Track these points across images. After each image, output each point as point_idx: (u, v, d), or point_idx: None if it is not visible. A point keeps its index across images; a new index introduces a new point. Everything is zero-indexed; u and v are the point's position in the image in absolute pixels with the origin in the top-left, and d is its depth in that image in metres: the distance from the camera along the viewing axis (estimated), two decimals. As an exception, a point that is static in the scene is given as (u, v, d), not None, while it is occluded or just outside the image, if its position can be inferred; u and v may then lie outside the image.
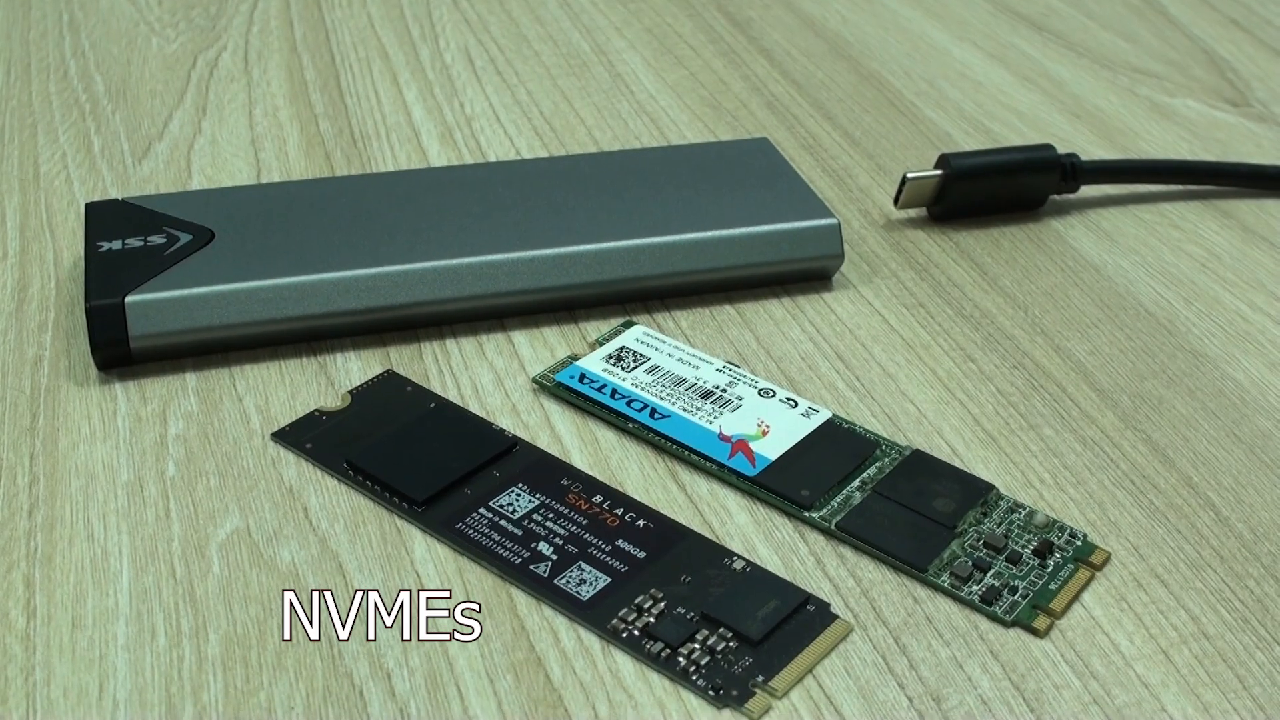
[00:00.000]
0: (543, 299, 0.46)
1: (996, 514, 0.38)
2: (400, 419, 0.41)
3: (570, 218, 0.48)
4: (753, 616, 0.35)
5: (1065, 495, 0.40)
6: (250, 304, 0.44)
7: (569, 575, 0.36)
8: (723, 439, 0.41)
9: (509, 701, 0.33)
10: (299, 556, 0.37)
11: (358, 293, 0.45)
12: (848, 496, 0.39)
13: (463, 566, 0.37)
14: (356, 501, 0.39)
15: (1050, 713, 0.33)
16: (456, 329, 0.46)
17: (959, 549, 0.37)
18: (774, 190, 0.50)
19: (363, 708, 0.33)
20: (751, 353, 0.45)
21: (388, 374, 0.44)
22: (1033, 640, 0.35)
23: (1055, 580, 0.36)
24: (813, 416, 0.42)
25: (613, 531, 0.38)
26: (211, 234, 0.46)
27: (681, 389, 0.42)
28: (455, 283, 0.45)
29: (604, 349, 0.44)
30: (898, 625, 0.35)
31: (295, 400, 0.43)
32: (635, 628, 0.35)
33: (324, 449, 0.40)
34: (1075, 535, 0.38)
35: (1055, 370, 0.45)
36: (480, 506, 0.38)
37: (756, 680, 0.33)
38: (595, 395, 0.42)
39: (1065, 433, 0.42)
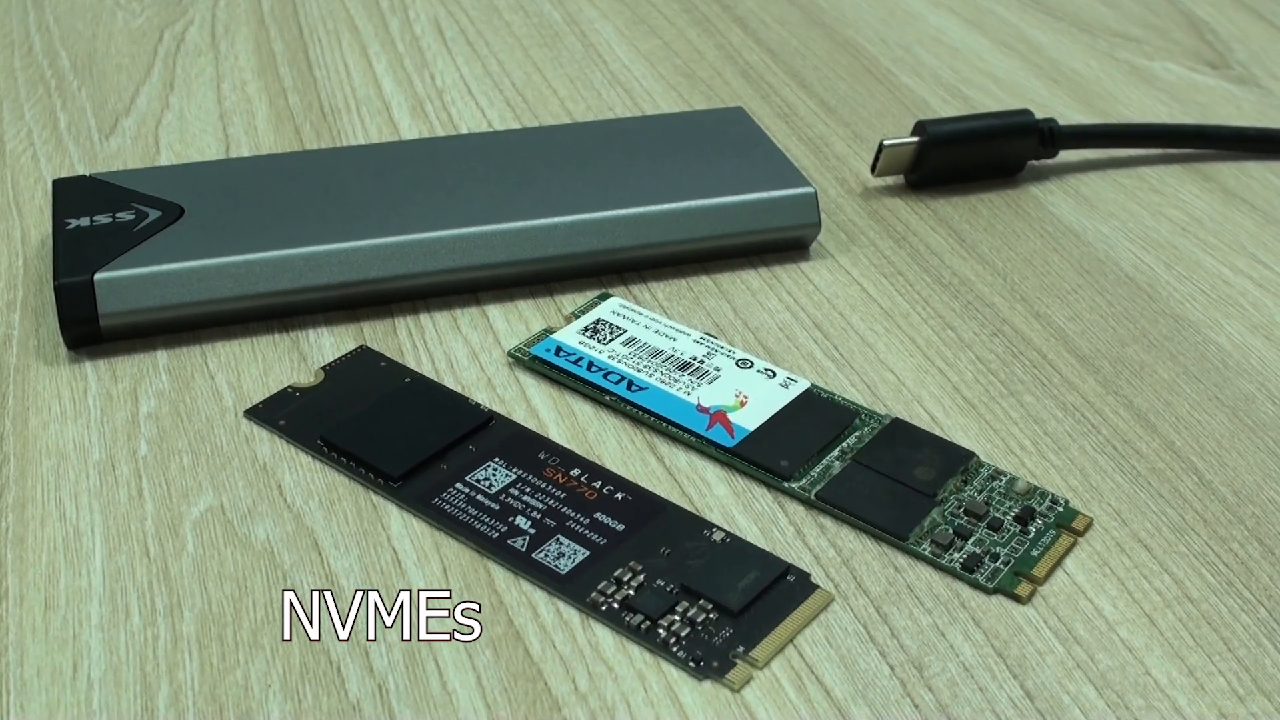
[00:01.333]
0: (517, 272, 0.46)
1: (977, 481, 0.39)
2: (374, 394, 0.41)
3: (544, 189, 0.48)
4: (733, 588, 0.35)
5: (1046, 462, 0.40)
6: (221, 280, 0.44)
7: (547, 549, 0.36)
8: (700, 410, 0.41)
9: (488, 676, 0.33)
10: (274, 534, 0.37)
11: (330, 267, 0.45)
12: (827, 466, 0.39)
13: (440, 542, 0.37)
14: (331, 478, 0.39)
15: (1034, 678, 0.33)
16: (430, 303, 0.46)
17: (940, 517, 0.37)
18: (750, 159, 0.50)
19: (340, 684, 0.33)
20: (729, 323, 0.46)
21: (361, 349, 0.44)
22: (1015, 607, 0.35)
23: (1037, 547, 0.37)
24: (791, 386, 0.42)
25: (591, 504, 0.38)
26: (181, 210, 0.46)
27: (659, 361, 0.42)
28: (428, 256, 0.45)
29: (580, 321, 0.44)
30: (879, 594, 0.36)
31: (268, 377, 0.43)
32: (614, 600, 0.35)
33: (297, 426, 0.40)
34: (1057, 501, 0.38)
35: (1035, 337, 0.45)
36: (457, 481, 0.38)
37: (737, 651, 0.34)
38: (571, 368, 0.42)
39: (1046, 399, 0.42)
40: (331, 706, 0.32)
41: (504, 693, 0.33)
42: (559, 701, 0.33)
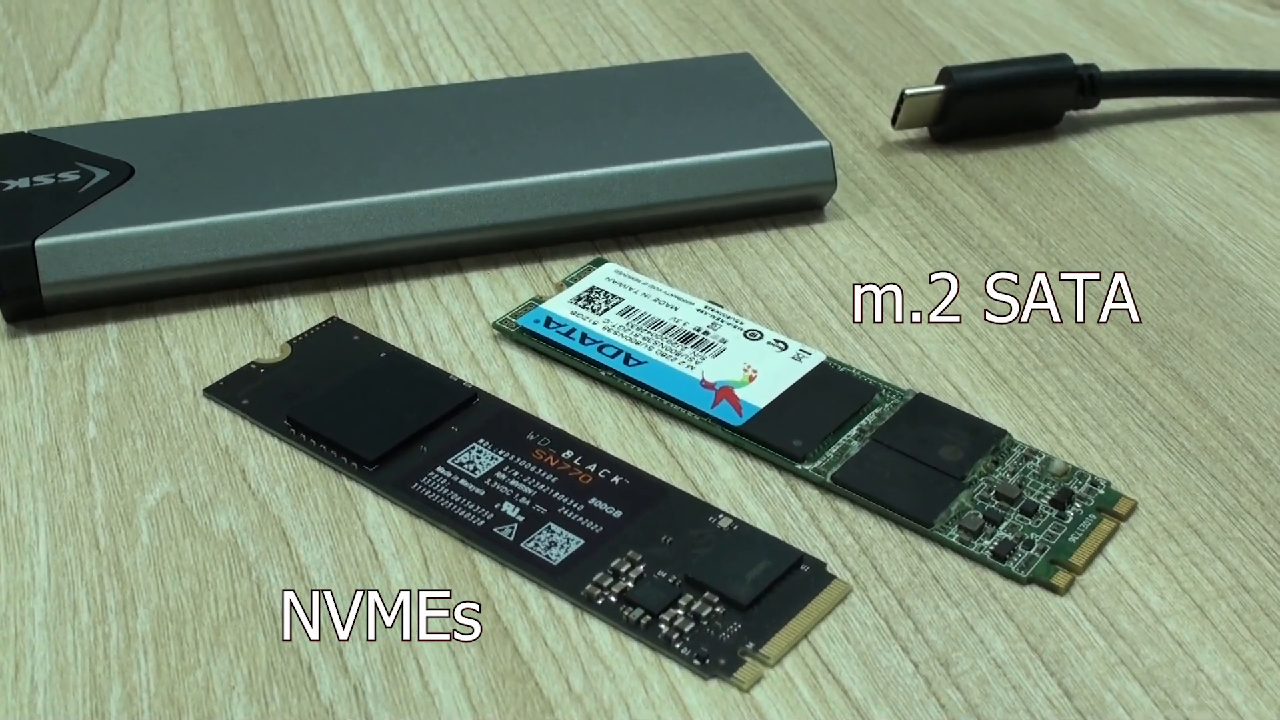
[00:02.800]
0: (503, 236, 0.47)
1: (1009, 462, 0.39)
2: (347, 370, 0.42)
3: (532, 145, 0.48)
4: (741, 579, 0.35)
5: (1085, 440, 0.40)
6: (176, 246, 0.44)
7: (537, 538, 0.37)
8: (705, 386, 0.41)
9: (474, 675, 0.33)
10: (237, 523, 0.37)
11: (296, 232, 0.45)
12: (844, 446, 0.39)
13: (420, 531, 0.37)
14: (300, 462, 0.39)
15: (1072, 676, 0.34)
16: (407, 271, 0.46)
17: (968, 501, 0.38)
18: (758, 111, 0.50)
19: (312, 685, 0.33)
20: (736, 291, 0.46)
21: (332, 321, 0.44)
22: (1051, 598, 0.36)
23: (1075, 532, 0.37)
24: (804, 359, 0.42)
25: (585, 489, 0.38)
26: (130, 169, 0.46)
27: (659, 332, 0.43)
28: (405, 219, 0.46)
29: (572, 290, 0.45)
30: (901, 585, 0.36)
31: (229, 352, 0.43)
32: (612, 593, 0.35)
33: (262, 405, 0.41)
34: (1097, 483, 0.38)
35: (1072, 304, 0.45)
36: (438, 465, 0.39)
37: (746, 648, 0.34)
38: (563, 341, 0.43)
39: (1085, 372, 0.43)
40: (302, 710, 0.33)
41: (491, 694, 0.33)
42: (551, 703, 0.33)
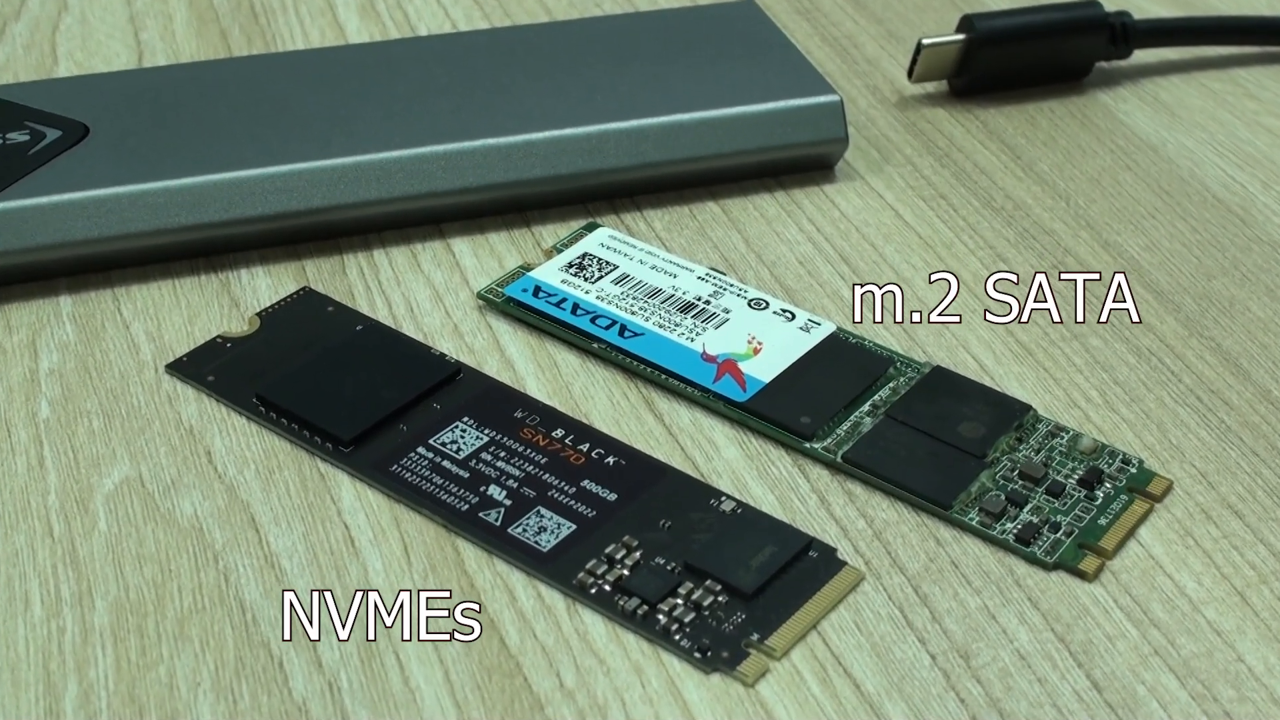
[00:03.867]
0: (488, 198, 0.47)
1: (1034, 439, 0.39)
2: (320, 344, 0.42)
3: (519, 101, 0.48)
4: (745, 566, 0.35)
5: (1116, 415, 0.40)
6: (135, 211, 0.44)
7: (526, 523, 0.37)
8: (707, 359, 0.41)
9: (458, 671, 0.34)
10: (202, 509, 0.37)
11: (265, 195, 0.45)
12: (856, 423, 0.39)
13: (399, 516, 0.37)
14: (270, 443, 0.39)
15: (1102, 667, 0.34)
16: (385, 237, 0.46)
17: (990, 481, 0.38)
18: (763, 63, 0.50)
19: (284, 682, 0.33)
20: (740, 257, 0.46)
21: (304, 292, 0.44)
22: (1079, 585, 0.36)
23: (1105, 514, 0.37)
24: (813, 330, 0.42)
25: (577, 471, 0.38)
26: (85, 129, 0.46)
27: (656, 301, 0.43)
28: (382, 181, 0.46)
29: (562, 256, 0.45)
30: (917, 572, 0.36)
31: (193, 325, 0.43)
32: (606, 582, 0.35)
33: (229, 382, 0.41)
34: (1129, 461, 0.38)
35: (1104, 270, 0.45)
36: (419, 445, 0.39)
37: (751, 639, 0.34)
38: (553, 311, 0.43)
39: (1116, 342, 0.43)
40: (273, 708, 0.33)
41: (476, 690, 0.33)
42: (541, 699, 0.33)
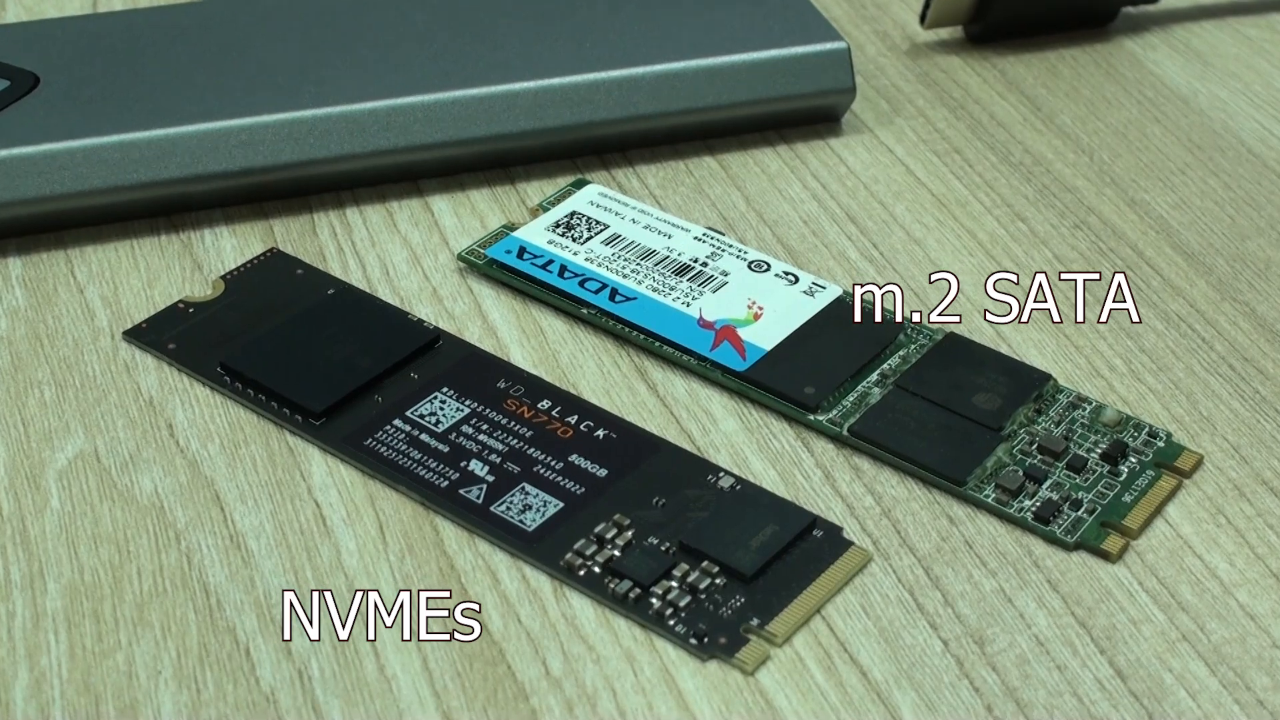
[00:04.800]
0: (469, 153, 0.47)
1: (1054, 410, 0.39)
2: (289, 310, 0.42)
3: (503, 48, 0.48)
4: (744, 546, 0.35)
5: (1143, 385, 0.40)
6: (89, 167, 0.44)
7: (510, 501, 0.37)
8: (704, 325, 0.41)
9: (436, 658, 0.34)
10: (163, 485, 0.37)
11: (230, 150, 0.45)
12: (864, 394, 0.39)
13: (374, 493, 0.37)
14: (236, 414, 0.39)
15: (1126, 654, 0.34)
16: (359, 194, 0.46)
17: (1006, 456, 0.38)
18: (764, 7, 0.50)
19: (250, 670, 0.33)
20: (739, 216, 0.46)
21: (272, 253, 0.44)
22: (1102, 566, 0.36)
23: (1130, 491, 0.37)
24: (818, 294, 0.42)
25: (564, 445, 0.38)
26: (35, 79, 0.46)
27: (650, 263, 0.43)
28: (355, 135, 0.45)
29: (549, 215, 0.45)
30: (929, 552, 0.36)
31: (152, 289, 0.43)
32: (595, 563, 0.35)
33: (192, 349, 0.41)
34: (1156, 434, 0.38)
35: (1130, 230, 0.45)
36: (395, 418, 0.39)
37: (750, 624, 0.34)
38: (539, 274, 0.43)
39: (1143, 307, 0.43)
40: (239, 698, 0.33)
41: (456, 679, 0.33)
42: (525, 688, 0.33)
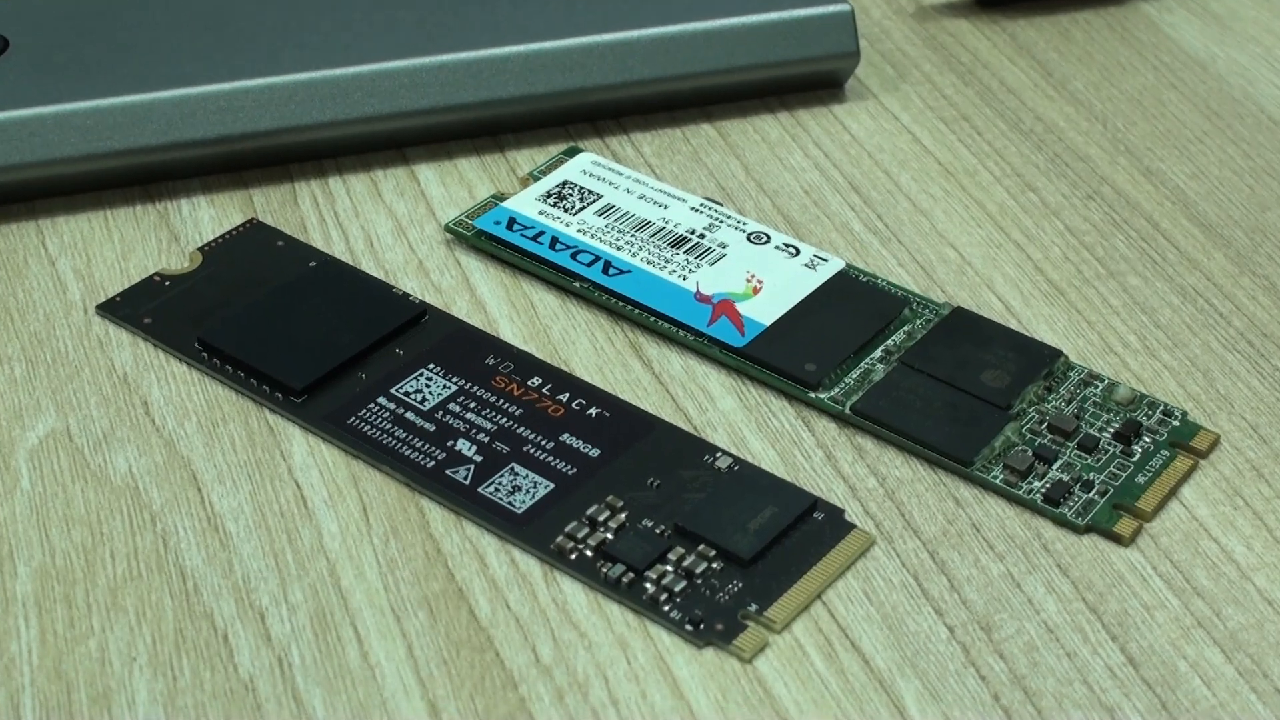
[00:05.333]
0: (456, 120, 0.47)
1: (1065, 388, 0.39)
2: (269, 283, 0.42)
3: (491, 10, 0.48)
4: (742, 529, 0.36)
5: (1158, 362, 0.40)
6: (61, 134, 0.44)
7: (498, 482, 0.37)
8: (701, 300, 0.41)
9: (422, 644, 0.34)
10: (138, 465, 0.37)
11: (208, 116, 0.45)
12: (867, 371, 0.39)
13: (357, 474, 0.37)
14: (213, 392, 0.39)
15: (1139, 641, 0.34)
16: (342, 163, 0.46)
17: (1015, 435, 0.38)
18: (766, -32, 0.50)
19: (229, 656, 0.33)
20: (738, 185, 0.46)
21: (251, 224, 0.44)
22: (1114, 550, 0.36)
23: (1144, 472, 0.37)
24: (820, 268, 0.42)
25: (556, 424, 0.38)
26: (4, 42, 0.46)
27: (645, 235, 0.43)
28: (338, 101, 0.45)
29: (540, 185, 0.45)
30: (934, 535, 0.36)
31: (127, 261, 0.43)
32: (587, 547, 0.35)
33: (168, 324, 0.41)
34: (1171, 413, 0.39)
35: (1144, 200, 0.45)
36: (379, 395, 0.39)
37: (748, 610, 0.34)
38: (529, 246, 0.43)
39: (1158, 281, 0.43)
40: (217, 685, 0.33)
41: (443, 665, 0.33)
42: (514, 676, 0.33)
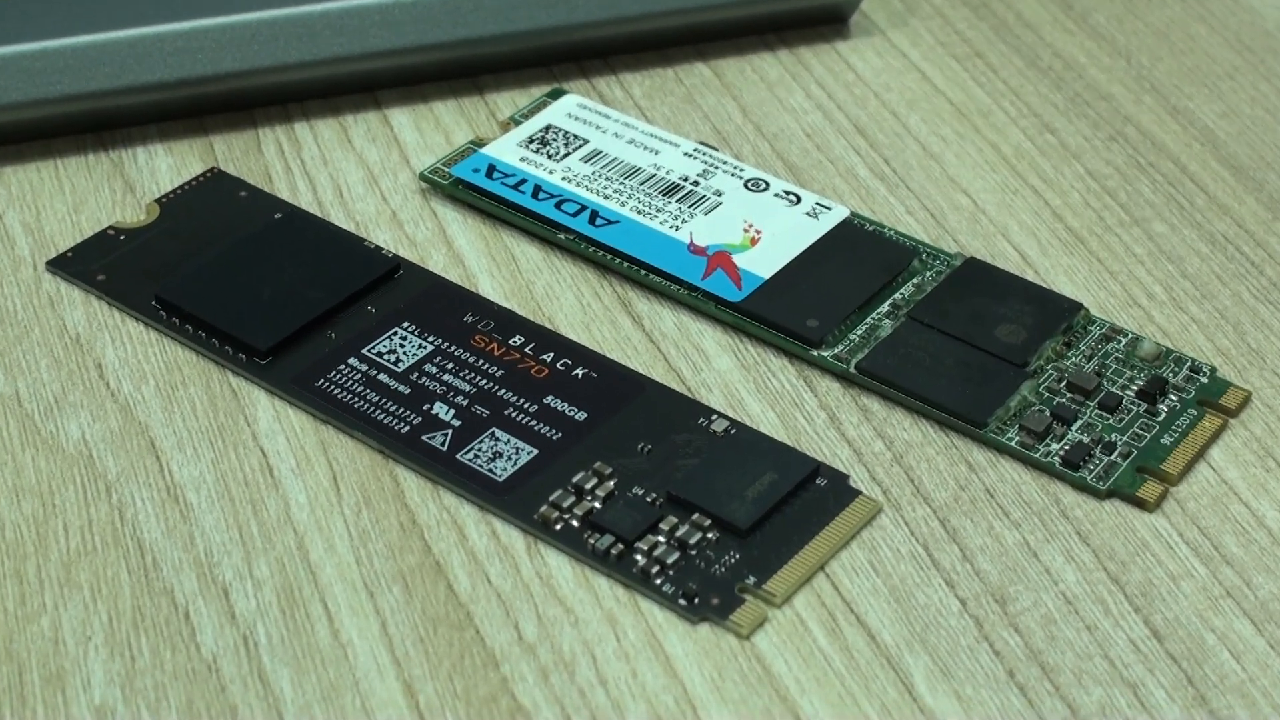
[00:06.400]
0: (432, 60, 0.47)
1: (1086, 344, 0.39)
2: (232, 236, 0.42)
3: (468, -59, 0.48)
4: (739, 496, 0.36)
5: (1185, 315, 0.40)
6: (7, 78, 0.44)
7: (478, 448, 0.37)
8: (695, 251, 0.41)
9: (396, 621, 0.34)
10: (92, 432, 0.38)
11: (165, 57, 0.45)
12: (873, 326, 0.40)
13: (326, 440, 0.37)
14: (173, 353, 0.39)
15: (1164, 612, 0.34)
16: (309, 107, 0.46)
17: (1032, 394, 0.38)
18: (764, -106, 0.50)
19: (190, 635, 0.33)
20: (735, 129, 0.46)
21: (212, 174, 0.44)
22: (1138, 515, 0.36)
23: (1170, 432, 0.37)
24: (822, 216, 0.42)
25: (539, 385, 0.38)
26: (-56, -22, 0.46)
27: (635, 182, 0.43)
28: (305, 40, 0.45)
29: (521, 129, 0.45)
30: (945, 502, 0.36)
31: (79, 214, 0.43)
32: (574, 517, 0.35)
33: (123, 281, 0.41)
34: (1199, 369, 0.39)
35: (1171, 141, 0.46)
36: (350, 356, 0.39)
37: (746, 583, 0.34)
38: (510, 195, 0.43)
39: (1186, 228, 0.43)
40: (178, 665, 0.33)
41: (419, 644, 0.33)
42: (496, 655, 0.33)
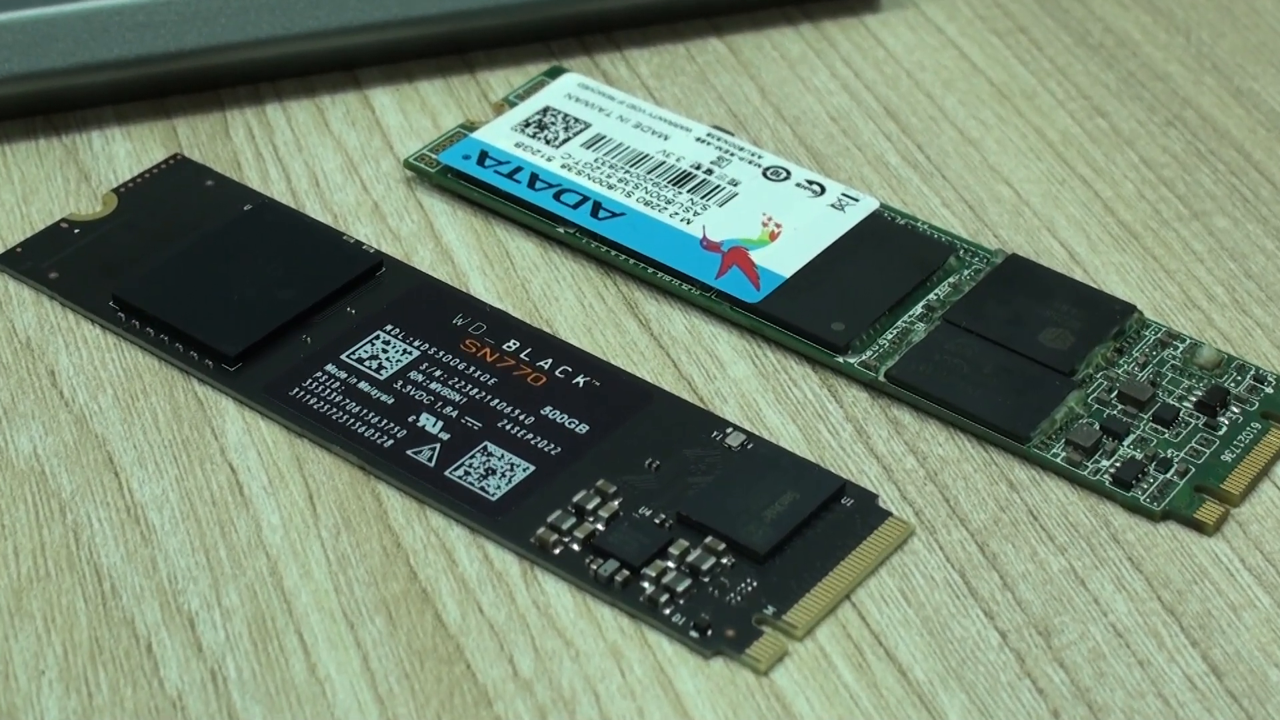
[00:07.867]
0: (417, 35, 0.47)
1: (1139, 350, 0.39)
2: (197, 230, 0.42)
3: (458, -96, 0.48)
4: (757, 518, 0.36)
5: (1248, 319, 0.41)
6: (-50, 55, 0.44)
7: (469, 464, 0.37)
8: (708, 247, 0.41)
9: (379, 654, 0.34)
10: (44, 446, 0.38)
11: (122, 33, 0.45)
12: (905, 331, 0.40)
13: (302, 455, 0.38)
14: (133, 359, 0.40)
15: (1224, 646, 0.34)
16: (283, 87, 0.47)
17: (1080, 406, 0.38)
18: None
19: (153, 669, 0.34)
20: (753, 112, 0.46)
21: (176, 161, 0.44)
22: (1196, 539, 0.36)
23: (1231, 448, 0.37)
24: (849, 208, 0.42)
25: (536, 395, 0.38)
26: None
27: (642, 170, 0.43)
28: (278, 13, 0.45)
29: (517, 112, 0.45)
30: (984, 525, 0.36)
31: (29, 205, 0.43)
32: (574, 540, 0.36)
33: (78, 279, 0.41)
34: (1263, 379, 0.39)
35: (1234, 127, 0.46)
36: (328, 362, 0.39)
37: (764, 613, 0.34)
38: (505, 184, 0.43)
39: (1250, 223, 0.43)
40: (140, 703, 0.33)
41: (404, 680, 0.34)
42: (489, 692, 0.33)
